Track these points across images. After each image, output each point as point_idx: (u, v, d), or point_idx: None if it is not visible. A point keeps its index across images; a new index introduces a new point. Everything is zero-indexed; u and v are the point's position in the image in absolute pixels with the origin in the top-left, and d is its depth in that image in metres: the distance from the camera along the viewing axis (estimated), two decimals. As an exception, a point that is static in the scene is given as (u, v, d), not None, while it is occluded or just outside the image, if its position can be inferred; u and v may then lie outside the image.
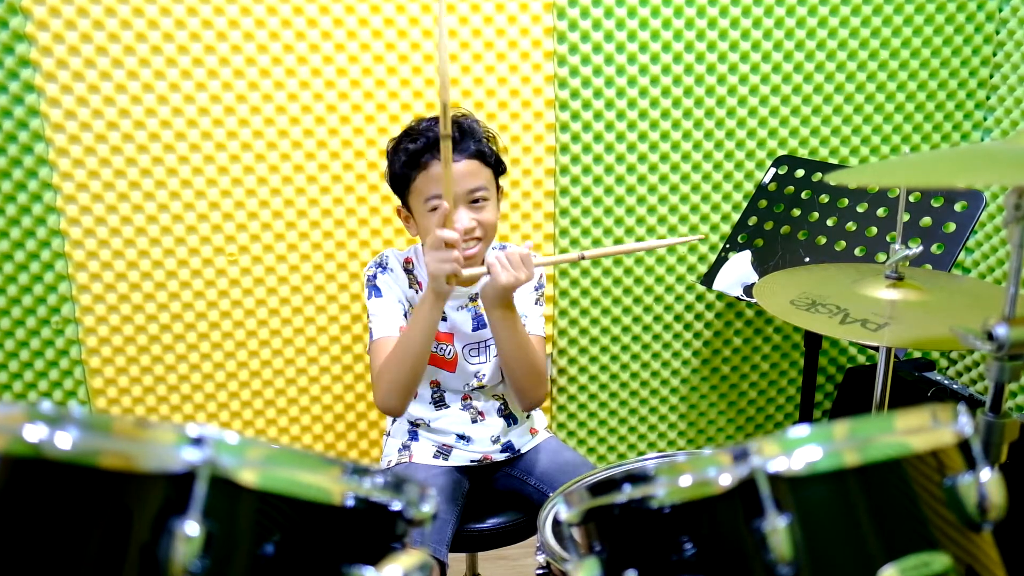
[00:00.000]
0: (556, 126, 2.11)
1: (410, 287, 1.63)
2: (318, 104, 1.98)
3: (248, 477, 0.61)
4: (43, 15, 1.80)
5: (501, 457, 1.68)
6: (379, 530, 0.71)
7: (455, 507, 1.57)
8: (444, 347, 1.63)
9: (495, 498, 1.69)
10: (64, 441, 0.58)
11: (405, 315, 1.61)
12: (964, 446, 0.75)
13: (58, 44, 1.83)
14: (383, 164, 1.75)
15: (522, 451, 1.71)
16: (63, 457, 0.58)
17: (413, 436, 1.67)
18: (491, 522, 1.62)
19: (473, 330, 1.65)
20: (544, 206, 2.15)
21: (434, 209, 1.43)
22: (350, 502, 0.68)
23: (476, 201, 1.51)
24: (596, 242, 2.22)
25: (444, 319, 1.61)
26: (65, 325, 2.03)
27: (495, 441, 1.68)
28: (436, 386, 1.66)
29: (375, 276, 1.61)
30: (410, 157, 1.51)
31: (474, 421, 1.67)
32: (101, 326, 2.02)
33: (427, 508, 0.74)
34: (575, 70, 2.08)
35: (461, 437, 1.66)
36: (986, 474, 0.72)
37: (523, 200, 2.13)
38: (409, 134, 1.55)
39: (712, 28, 2.10)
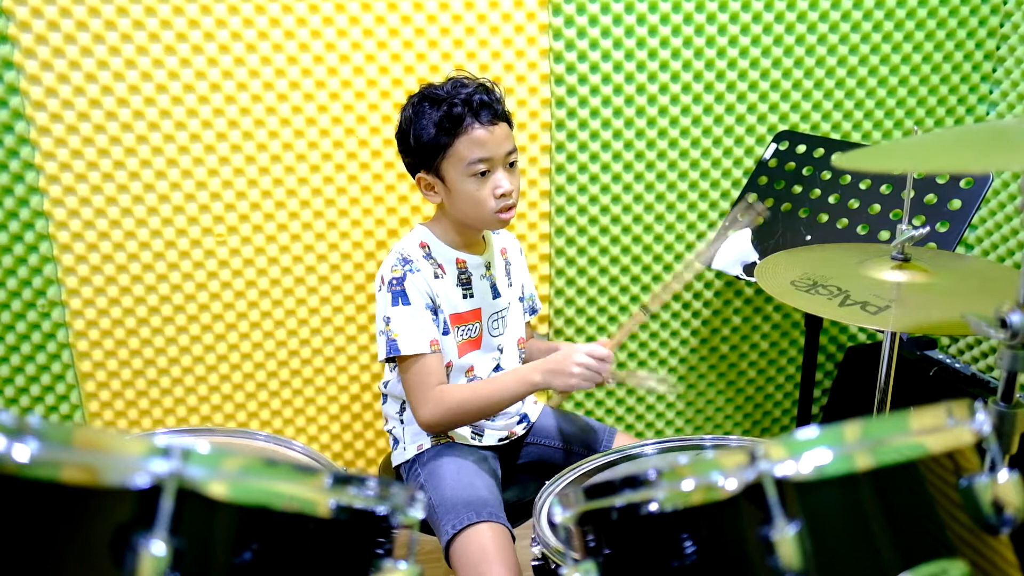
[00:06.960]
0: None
1: (435, 277, 1.52)
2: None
3: (218, 489, 0.57)
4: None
5: (521, 430, 1.67)
6: (365, 539, 0.67)
7: (496, 480, 1.56)
8: (472, 326, 1.59)
9: (524, 471, 1.70)
10: (22, 454, 0.54)
11: (435, 314, 1.51)
12: (980, 445, 0.71)
13: (37, 18, 1.77)
14: (400, 165, 1.64)
15: (533, 420, 1.72)
16: (21, 471, 0.54)
17: None
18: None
19: (493, 299, 1.62)
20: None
21: (476, 173, 1.44)
22: (334, 512, 0.64)
23: (512, 164, 1.50)
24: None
25: (472, 295, 1.58)
26: (51, 308, 1.99)
27: (512, 416, 1.66)
28: (472, 374, 1.60)
29: (403, 279, 1.47)
30: (450, 122, 1.43)
31: None
32: (88, 308, 1.98)
33: (414, 512, 0.70)
34: (571, 43, 2.02)
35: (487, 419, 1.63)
36: (1004, 475, 0.68)
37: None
38: (433, 99, 1.46)
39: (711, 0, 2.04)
